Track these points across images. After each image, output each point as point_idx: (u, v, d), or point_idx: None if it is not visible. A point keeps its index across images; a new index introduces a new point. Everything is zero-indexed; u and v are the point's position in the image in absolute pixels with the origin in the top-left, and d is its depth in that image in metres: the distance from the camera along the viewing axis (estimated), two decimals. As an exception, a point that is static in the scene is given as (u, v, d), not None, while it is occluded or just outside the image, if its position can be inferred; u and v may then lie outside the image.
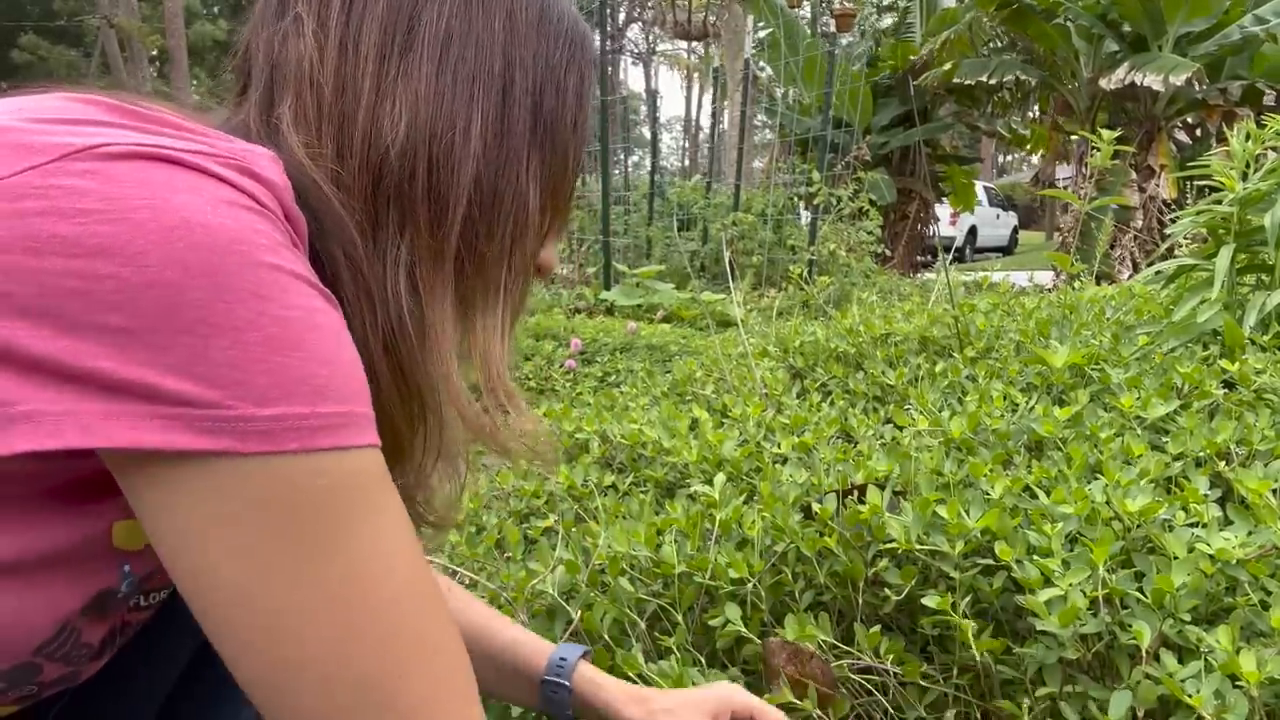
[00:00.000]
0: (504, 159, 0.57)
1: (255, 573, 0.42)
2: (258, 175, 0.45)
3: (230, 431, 0.40)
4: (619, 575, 1.08)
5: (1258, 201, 1.80)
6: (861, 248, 6.69)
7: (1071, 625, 0.82)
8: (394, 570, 0.45)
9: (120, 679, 0.59)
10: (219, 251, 0.41)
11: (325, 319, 0.44)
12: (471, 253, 0.57)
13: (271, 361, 0.41)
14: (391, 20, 0.55)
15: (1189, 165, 2.19)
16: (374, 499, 0.45)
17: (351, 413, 0.44)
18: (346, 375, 0.44)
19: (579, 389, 3.24)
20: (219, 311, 0.40)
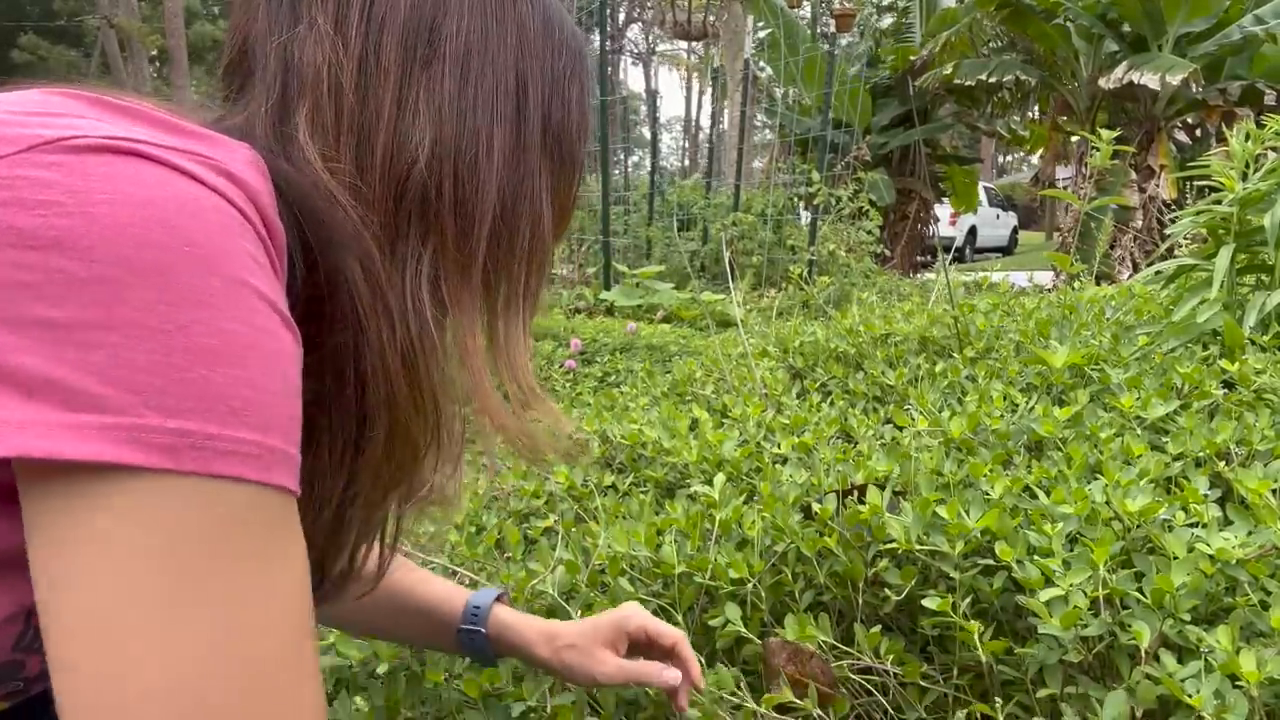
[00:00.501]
0: (522, 172, 0.58)
1: (118, 596, 0.38)
2: (234, 176, 0.44)
3: (133, 441, 0.37)
4: (619, 575, 1.08)
5: (1257, 201, 1.80)
6: (861, 248, 6.69)
7: (1073, 627, 0.82)
8: (270, 631, 0.41)
9: None
10: (171, 251, 0.39)
11: (270, 342, 0.42)
12: (496, 263, 0.58)
13: (194, 373, 0.39)
14: (411, 33, 0.55)
15: (1189, 165, 2.19)
16: (269, 547, 0.42)
17: (267, 446, 0.41)
18: (274, 406, 0.41)
19: (579, 389, 3.24)
20: (156, 314, 0.38)
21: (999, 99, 9.67)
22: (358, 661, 1.08)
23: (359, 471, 0.55)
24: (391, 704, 0.99)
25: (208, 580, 0.39)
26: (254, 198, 0.44)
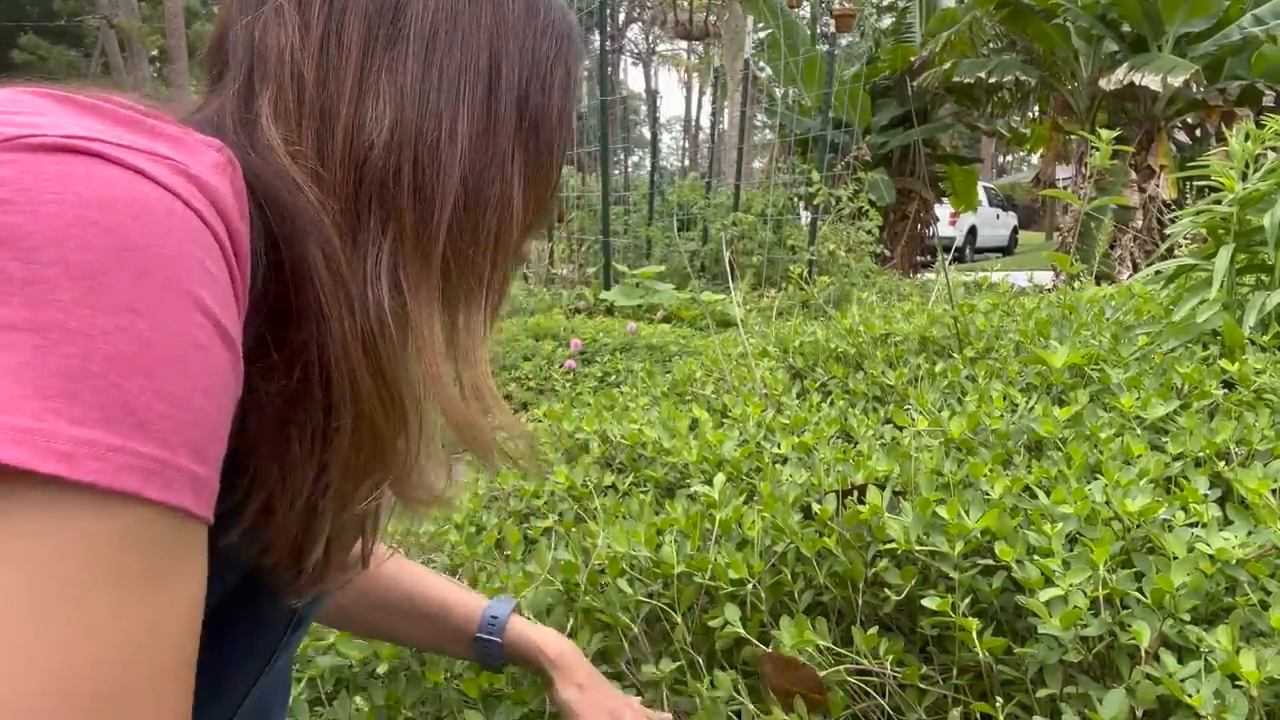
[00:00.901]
0: (490, 157, 0.56)
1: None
2: (195, 178, 0.42)
3: (30, 444, 0.36)
4: (618, 575, 1.08)
5: (1257, 201, 1.80)
6: (861, 248, 6.69)
7: (1073, 627, 0.82)
8: (138, 663, 0.38)
9: None
10: (110, 255, 0.38)
11: (199, 357, 0.40)
12: (457, 252, 0.55)
13: (107, 380, 0.37)
14: (375, 12, 0.53)
15: (1189, 165, 2.19)
16: (158, 572, 0.39)
17: (173, 464, 0.39)
18: (189, 423, 0.39)
19: (579, 389, 3.24)
20: (80, 317, 0.37)
21: (999, 99, 9.67)
22: (358, 661, 1.08)
23: (328, 463, 0.54)
24: (391, 704, 0.99)
25: (82, 598, 0.37)
26: (216, 200, 0.43)
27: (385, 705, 0.99)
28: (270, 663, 0.68)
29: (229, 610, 0.63)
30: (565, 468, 1.45)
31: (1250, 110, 7.24)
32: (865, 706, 0.93)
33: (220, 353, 0.41)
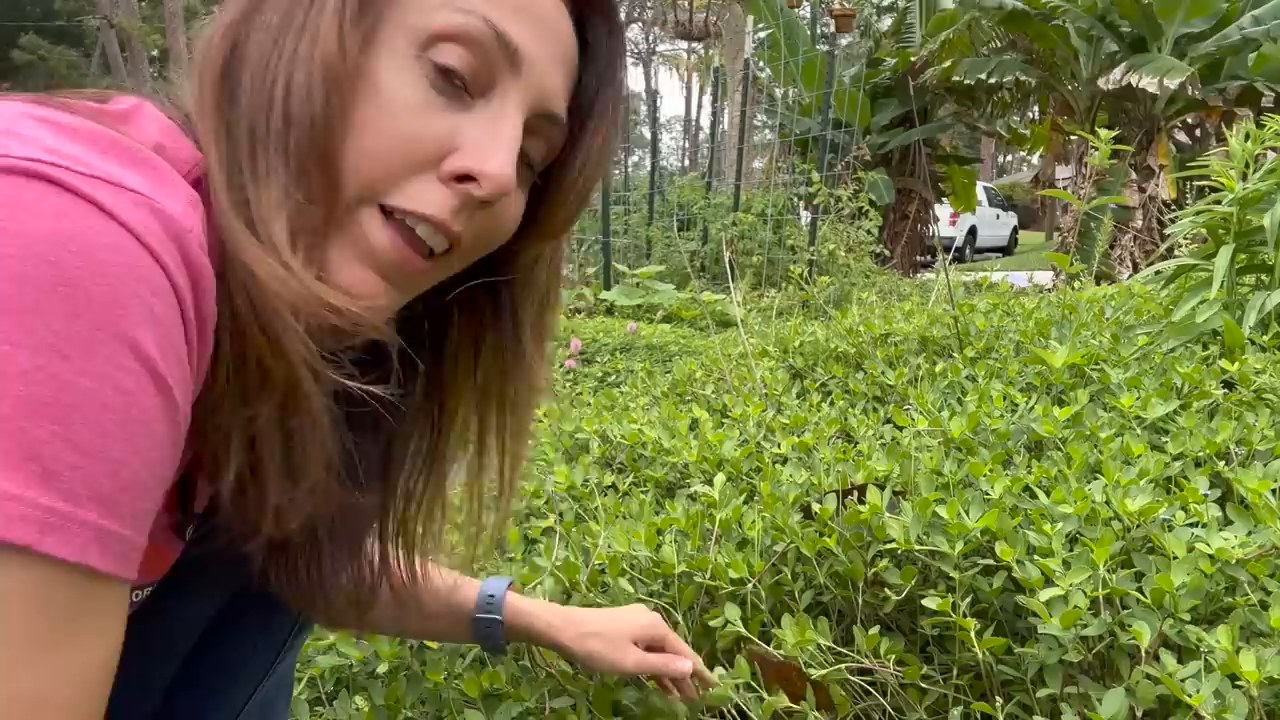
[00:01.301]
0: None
1: None
2: (159, 210, 0.40)
3: None
4: (619, 575, 1.08)
5: (1257, 201, 1.80)
6: (861, 248, 6.69)
7: (1073, 627, 0.82)
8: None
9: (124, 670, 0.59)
10: (43, 291, 0.36)
11: (123, 405, 0.38)
12: (227, 121, 0.49)
13: (14, 424, 0.35)
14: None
15: (1188, 165, 2.19)
16: (53, 631, 0.36)
17: (76, 517, 0.36)
18: (103, 474, 0.37)
19: (579, 389, 3.25)
20: (1, 355, 0.35)
21: (999, 99, 9.67)
22: (358, 661, 1.08)
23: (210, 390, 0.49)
24: (391, 704, 0.99)
25: None
26: (177, 235, 0.41)
27: (385, 705, 0.99)
28: (273, 666, 0.69)
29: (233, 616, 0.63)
30: (565, 468, 1.45)
31: (1250, 110, 7.24)
32: (866, 706, 0.93)
33: (151, 401, 0.39)
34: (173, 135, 0.49)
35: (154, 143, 0.46)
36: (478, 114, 0.52)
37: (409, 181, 0.50)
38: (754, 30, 9.80)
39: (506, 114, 0.52)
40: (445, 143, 0.51)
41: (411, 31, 0.50)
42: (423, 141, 0.50)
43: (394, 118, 0.49)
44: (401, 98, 0.49)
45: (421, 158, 0.50)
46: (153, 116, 0.49)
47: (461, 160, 0.50)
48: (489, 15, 0.50)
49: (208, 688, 0.66)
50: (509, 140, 0.52)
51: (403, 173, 0.50)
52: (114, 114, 0.48)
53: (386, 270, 0.51)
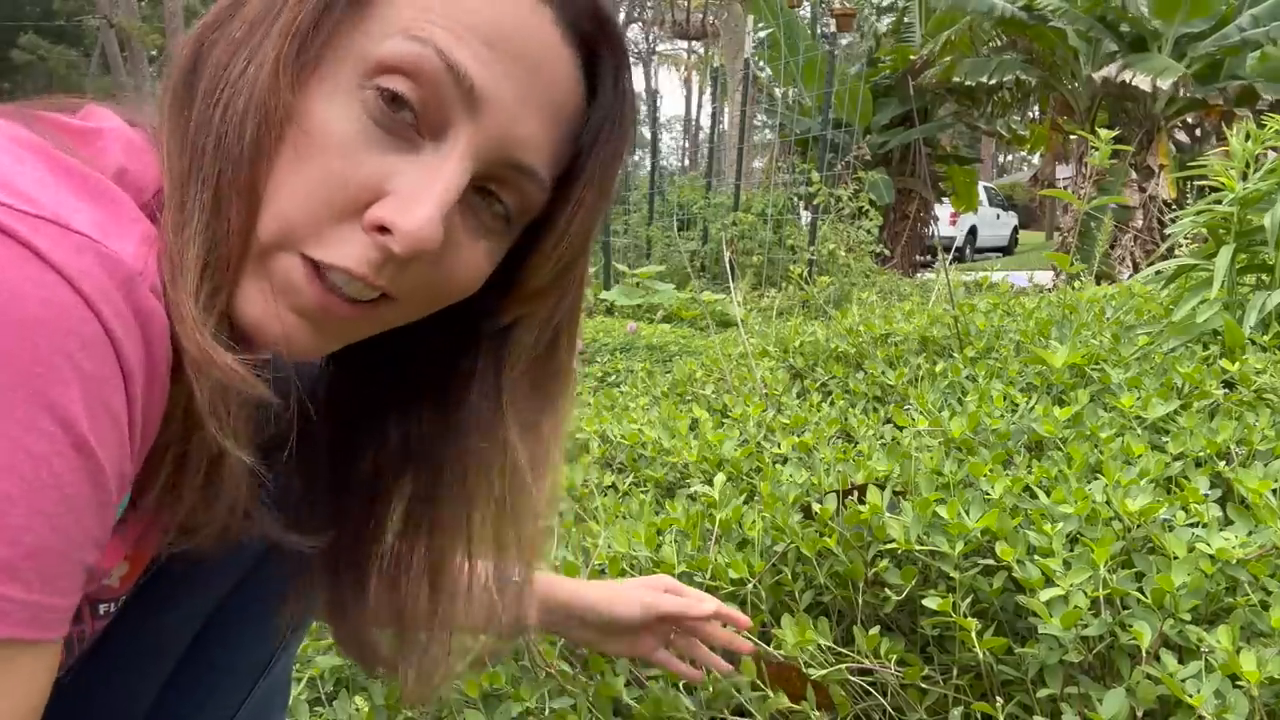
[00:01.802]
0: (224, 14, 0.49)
1: None
2: (106, 256, 0.39)
3: None
4: (619, 575, 1.08)
5: (1257, 201, 1.80)
6: (861, 248, 6.69)
7: (1073, 627, 0.82)
8: None
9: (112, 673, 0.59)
10: None
11: (29, 467, 0.36)
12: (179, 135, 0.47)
13: None
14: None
15: (1188, 165, 2.19)
16: None
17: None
18: (4, 541, 0.36)
19: (579, 389, 3.24)
20: None
21: (999, 99, 9.67)
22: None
23: None
24: (391, 704, 0.99)
25: None
26: (124, 281, 0.39)
27: (385, 705, 0.99)
28: (269, 667, 0.68)
29: (226, 617, 0.63)
30: (565, 467, 1.45)
31: (1250, 110, 7.24)
32: (866, 706, 0.93)
33: (66, 464, 0.37)
34: (138, 156, 0.47)
35: (116, 168, 0.44)
36: (423, 158, 0.47)
37: (330, 228, 0.46)
38: (754, 30, 9.80)
39: (448, 164, 0.46)
40: (374, 187, 0.46)
41: (358, 61, 0.46)
42: (348, 183, 0.45)
43: (322, 153, 0.45)
44: (334, 131, 0.45)
45: (344, 202, 0.46)
46: (119, 136, 0.47)
47: (380, 210, 0.45)
48: (445, 46, 0.45)
49: (202, 689, 0.65)
50: (440, 191, 0.46)
51: (325, 217, 0.46)
52: (78, 132, 0.46)
53: (307, 313, 0.48)
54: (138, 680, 0.61)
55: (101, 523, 0.40)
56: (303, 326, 0.48)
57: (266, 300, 0.47)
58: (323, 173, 0.45)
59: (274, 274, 0.47)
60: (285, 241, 0.46)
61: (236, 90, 0.45)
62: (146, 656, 0.61)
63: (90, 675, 0.57)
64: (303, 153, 0.45)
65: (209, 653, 0.64)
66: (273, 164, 0.45)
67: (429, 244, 0.46)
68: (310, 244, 0.46)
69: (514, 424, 0.57)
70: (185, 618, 0.61)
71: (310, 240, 0.46)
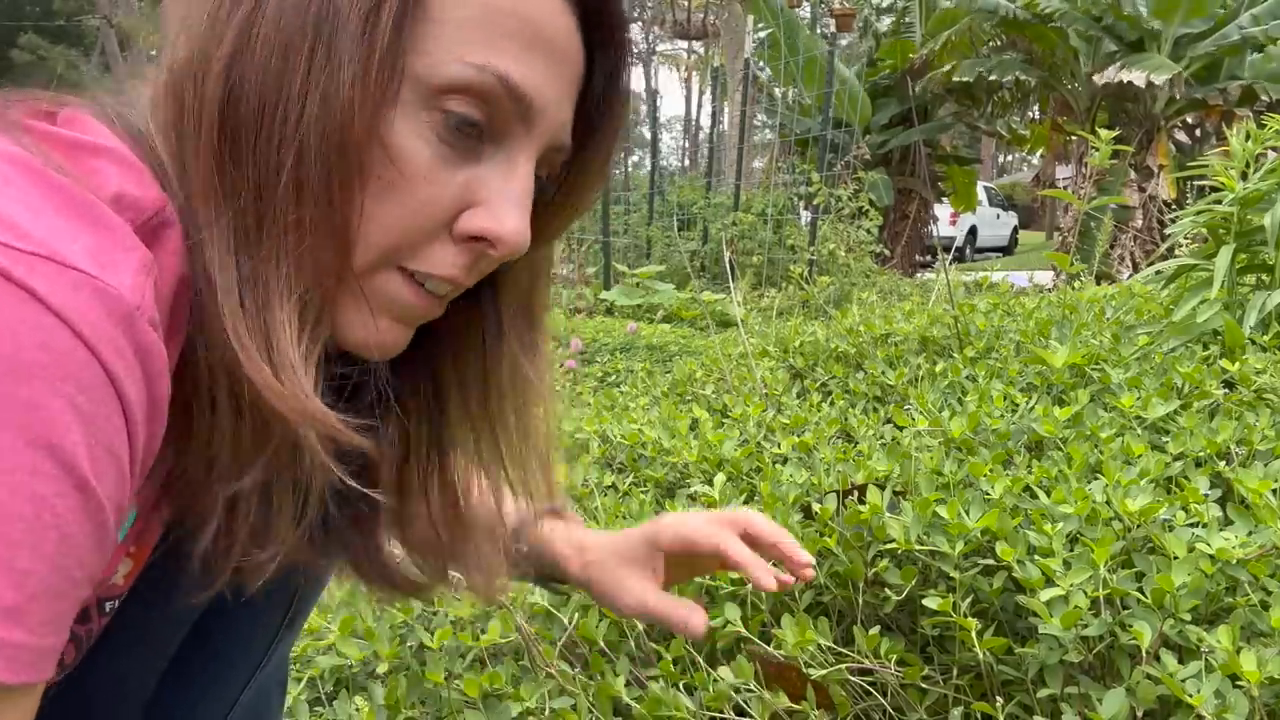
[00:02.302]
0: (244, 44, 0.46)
1: None
2: (103, 290, 0.38)
3: None
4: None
5: (1258, 201, 1.80)
6: (861, 248, 6.69)
7: (1073, 627, 0.82)
8: None
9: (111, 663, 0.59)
10: None
11: (31, 511, 0.36)
12: (228, 186, 0.45)
13: None
14: None
15: (1188, 165, 2.20)
16: None
17: None
18: (3, 587, 0.36)
19: (579, 389, 3.25)
20: None
21: (999, 99, 9.67)
22: (358, 661, 1.08)
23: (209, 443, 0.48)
24: (391, 704, 0.99)
25: None
26: (124, 318, 0.39)
27: (385, 705, 0.99)
28: (267, 655, 0.68)
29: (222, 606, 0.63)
30: (565, 467, 1.45)
31: (1250, 110, 7.24)
32: (866, 706, 0.93)
33: (68, 505, 0.38)
34: (135, 176, 0.45)
35: (113, 192, 0.43)
36: (490, 165, 0.50)
37: (425, 246, 0.49)
38: (754, 30, 9.80)
39: (518, 168, 0.50)
40: (460, 202, 0.49)
41: (417, 82, 0.46)
42: (438, 207, 0.48)
43: (409, 183, 0.47)
44: (416, 161, 0.47)
45: (436, 224, 0.49)
46: (114, 155, 0.45)
47: (475, 221, 0.49)
48: (504, 71, 0.47)
49: (198, 682, 0.65)
50: (523, 197, 0.50)
51: (420, 239, 0.49)
52: (68, 146, 0.44)
53: (407, 318, 0.52)
54: (136, 670, 0.61)
55: (101, 559, 0.40)
56: (399, 331, 0.52)
57: (369, 319, 0.50)
58: (414, 201, 0.47)
59: (375, 293, 0.50)
60: (382, 264, 0.49)
61: (307, 129, 0.45)
62: (145, 646, 0.61)
63: (88, 666, 0.57)
64: (390, 184, 0.47)
65: (205, 645, 0.64)
66: (359, 199, 0.46)
67: (524, 246, 0.50)
68: (407, 260, 0.49)
69: (516, 344, 0.60)
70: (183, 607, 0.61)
71: (409, 260, 0.49)
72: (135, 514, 0.48)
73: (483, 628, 1.15)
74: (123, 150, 0.46)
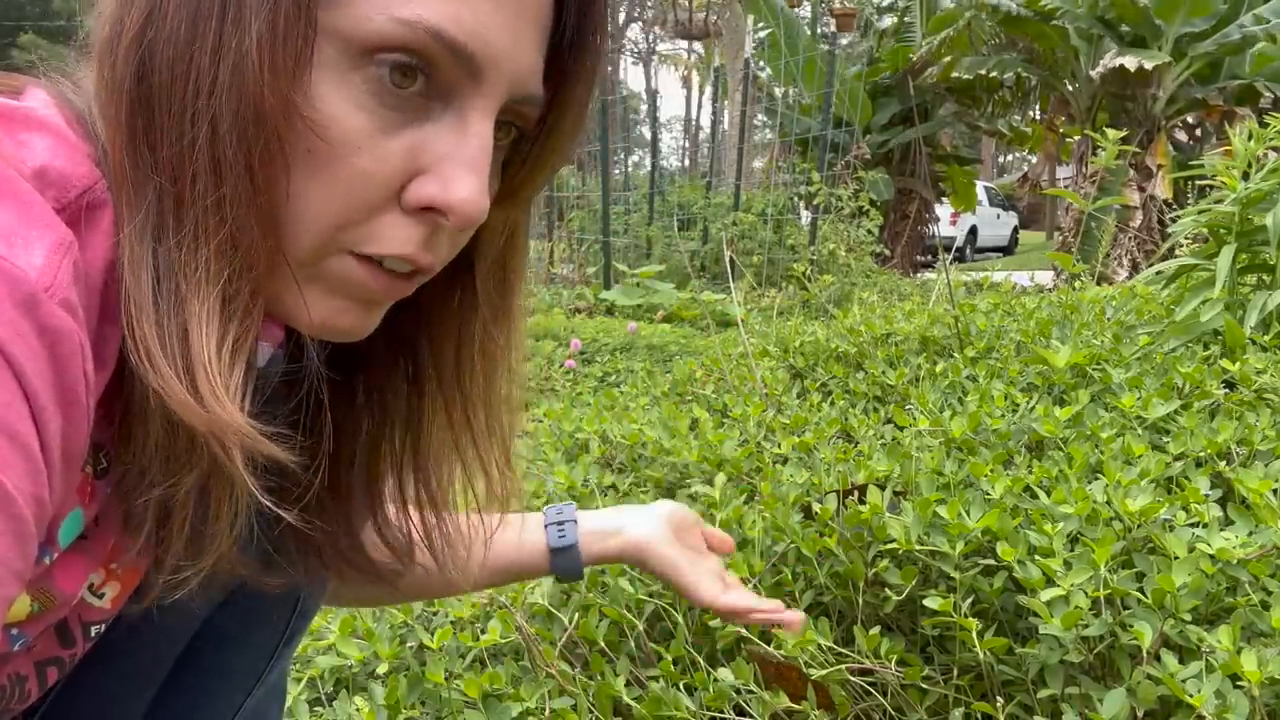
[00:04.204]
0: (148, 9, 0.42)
1: None
2: (6, 272, 0.35)
3: None
4: (619, 576, 1.08)
5: (1259, 201, 1.80)
6: (861, 247, 6.69)
7: (1074, 627, 0.82)
8: None
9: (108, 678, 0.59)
10: None
11: None
12: (143, 166, 0.42)
13: None
14: None
15: (1189, 165, 2.19)
16: None
17: None
18: None
19: (579, 389, 3.24)
20: None
21: (999, 98, 9.67)
22: (358, 661, 1.08)
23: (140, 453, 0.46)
24: (391, 704, 0.99)
25: None
26: (26, 299, 0.36)
27: (385, 705, 0.99)
28: (265, 673, 0.68)
29: (223, 621, 0.63)
30: (565, 467, 1.45)
31: (1250, 110, 7.24)
32: (867, 706, 0.93)
33: None
34: (68, 151, 0.43)
35: (37, 165, 0.41)
36: (439, 125, 0.44)
37: (373, 223, 0.44)
38: (754, 30, 9.80)
39: (471, 126, 0.44)
40: (404, 172, 0.44)
41: (342, 43, 0.42)
42: (379, 179, 0.43)
43: (340, 154, 0.42)
44: (345, 129, 0.42)
45: (380, 197, 0.44)
46: (48, 127, 0.43)
47: (423, 189, 0.44)
48: (434, 23, 0.41)
49: (197, 694, 0.65)
50: (477, 159, 0.44)
51: (365, 216, 0.44)
52: (3, 117, 0.42)
53: (370, 300, 0.48)
54: (134, 684, 0.61)
55: (22, 554, 0.37)
56: (361, 313, 0.48)
57: (328, 300, 0.46)
58: (349, 173, 0.43)
59: (328, 276, 0.46)
60: (328, 249, 0.45)
61: (219, 100, 0.41)
62: (143, 661, 0.61)
63: (85, 680, 0.56)
64: (319, 156, 0.42)
65: (204, 657, 0.64)
66: (284, 173, 0.42)
67: (480, 215, 0.45)
68: (358, 243, 0.45)
69: (488, 311, 0.57)
70: (182, 621, 0.61)
71: (356, 240, 0.45)
72: (81, 513, 0.45)
73: (483, 628, 1.15)
74: (59, 126, 0.43)
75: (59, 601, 0.48)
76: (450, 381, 0.59)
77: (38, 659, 0.51)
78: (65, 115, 0.45)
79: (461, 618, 1.17)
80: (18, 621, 0.47)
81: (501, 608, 1.11)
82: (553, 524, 0.85)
